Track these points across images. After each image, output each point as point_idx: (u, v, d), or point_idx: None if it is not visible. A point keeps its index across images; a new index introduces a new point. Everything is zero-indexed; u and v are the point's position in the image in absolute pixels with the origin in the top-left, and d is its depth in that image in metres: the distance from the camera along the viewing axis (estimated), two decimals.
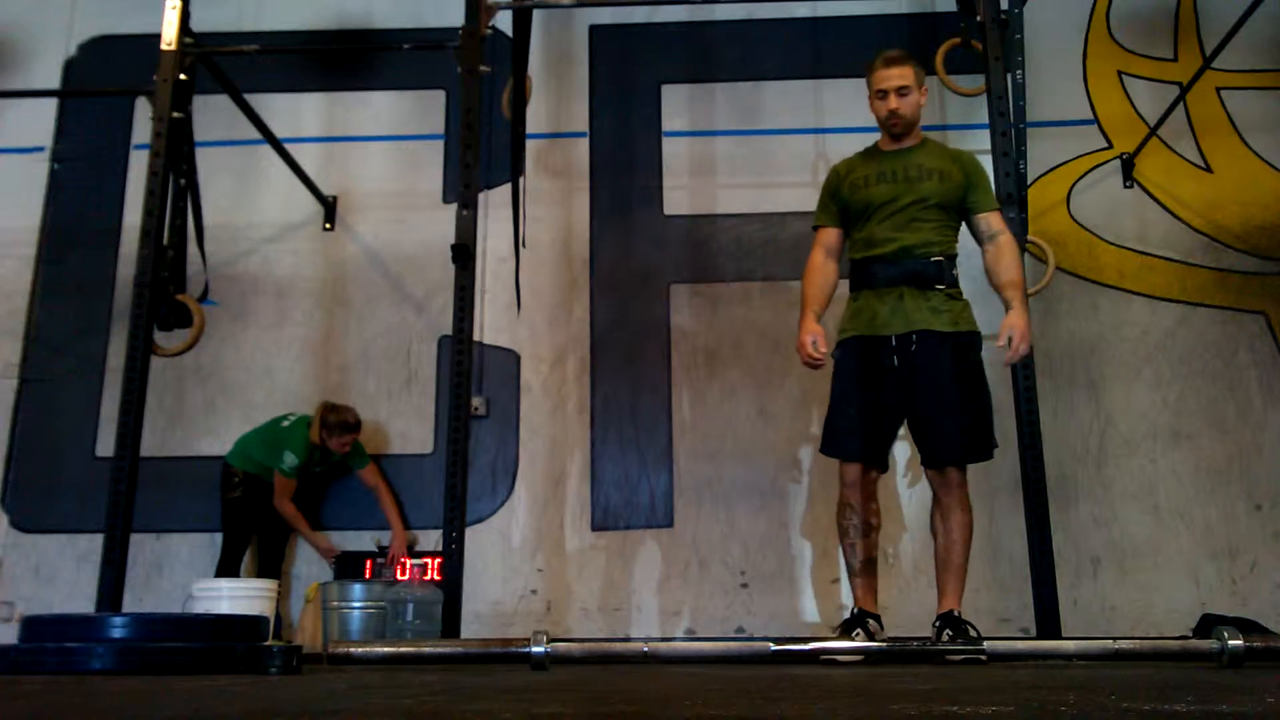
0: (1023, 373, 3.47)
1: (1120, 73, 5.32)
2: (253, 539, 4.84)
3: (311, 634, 4.46)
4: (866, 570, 3.34)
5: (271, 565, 4.85)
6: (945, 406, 3.24)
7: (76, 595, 4.82)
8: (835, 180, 3.50)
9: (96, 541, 3.66)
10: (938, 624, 3.18)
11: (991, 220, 3.35)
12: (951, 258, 3.32)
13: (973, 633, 3.11)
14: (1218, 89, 5.21)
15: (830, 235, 3.46)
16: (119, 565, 3.49)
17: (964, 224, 3.40)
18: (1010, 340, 3.17)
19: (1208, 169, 5.17)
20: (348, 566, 4.81)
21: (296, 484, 4.76)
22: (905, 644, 3.06)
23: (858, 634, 3.20)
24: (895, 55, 3.36)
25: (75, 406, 5.13)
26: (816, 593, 4.80)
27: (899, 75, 3.32)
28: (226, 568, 4.67)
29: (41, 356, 5.24)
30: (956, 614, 3.17)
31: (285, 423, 4.83)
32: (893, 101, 3.32)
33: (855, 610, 3.31)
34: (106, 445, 4.36)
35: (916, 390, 3.26)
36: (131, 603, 4.47)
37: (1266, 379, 4.88)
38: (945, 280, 3.28)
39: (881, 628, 3.31)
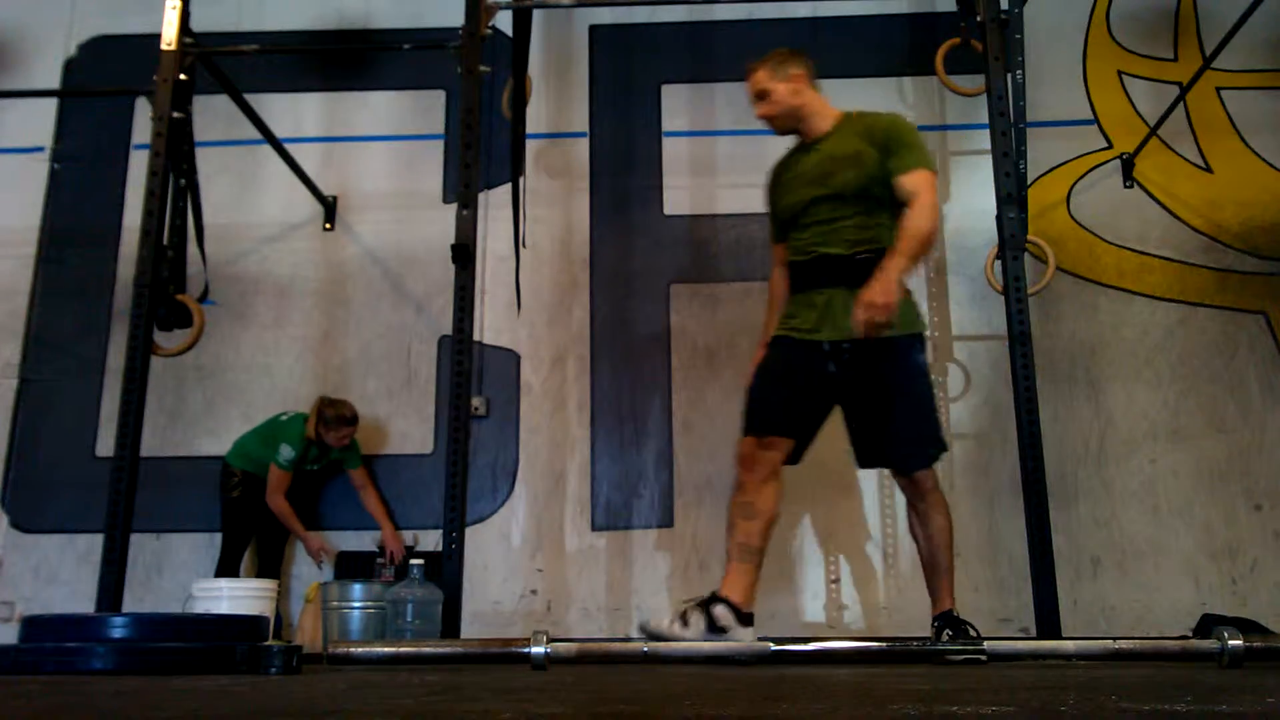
0: (1022, 373, 3.46)
1: (1120, 73, 5.32)
2: (252, 539, 4.83)
3: (311, 634, 4.46)
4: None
5: (271, 565, 4.85)
6: (898, 413, 3.10)
7: (76, 595, 4.82)
8: (767, 186, 3.41)
9: (96, 541, 3.66)
10: (937, 624, 3.16)
11: (906, 182, 3.03)
12: (882, 250, 3.00)
13: (972, 632, 3.10)
14: (1218, 89, 5.21)
15: (779, 250, 3.36)
16: (119, 565, 3.48)
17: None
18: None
19: (1208, 169, 5.17)
20: (348, 566, 4.81)
21: (290, 479, 4.75)
22: (905, 644, 3.06)
23: (694, 618, 2.89)
24: (749, 66, 3.27)
25: (75, 406, 5.13)
26: (816, 593, 4.80)
27: (752, 85, 3.24)
28: (226, 568, 4.67)
29: (41, 356, 5.24)
30: (954, 613, 3.15)
31: (283, 418, 4.84)
32: (757, 110, 3.26)
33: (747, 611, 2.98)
34: (106, 445, 4.37)
35: (860, 398, 3.13)
36: (131, 603, 4.46)
37: (1266, 379, 4.88)
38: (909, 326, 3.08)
39: (743, 624, 2.94)
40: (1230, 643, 2.44)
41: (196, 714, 1.32)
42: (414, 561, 3.64)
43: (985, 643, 2.80)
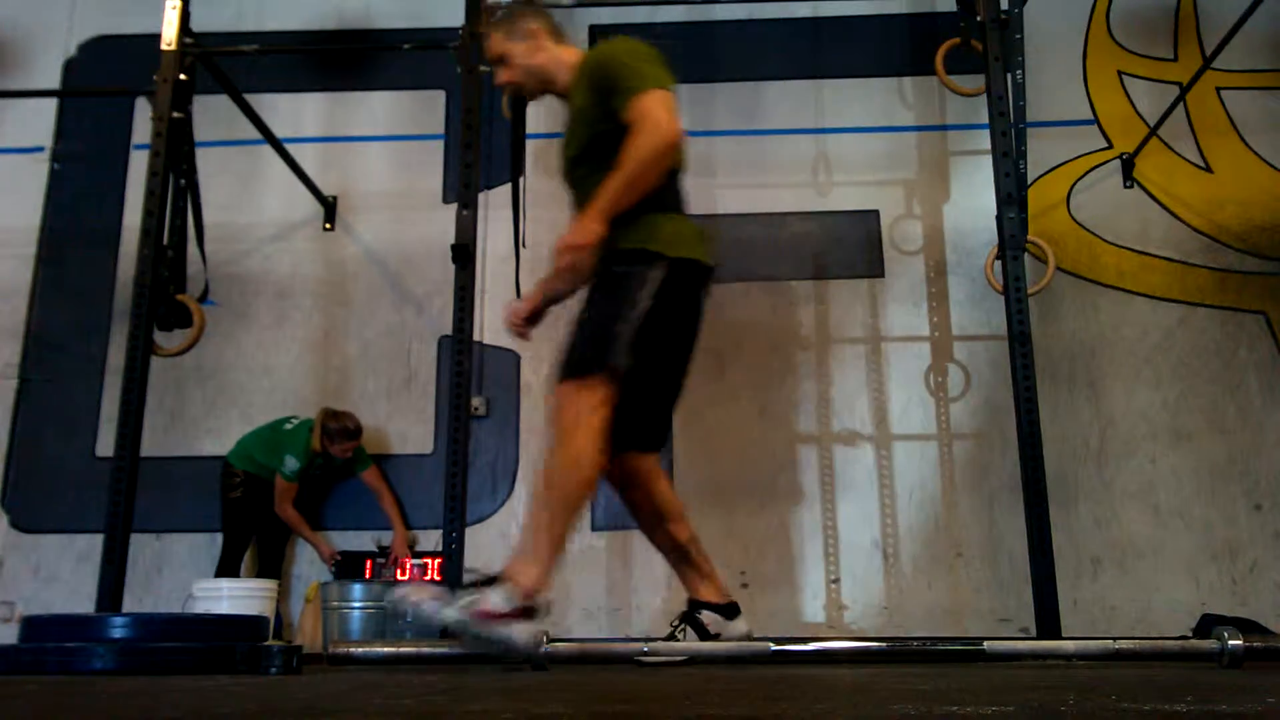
0: (1023, 373, 3.46)
1: (1120, 73, 5.33)
2: (253, 539, 4.84)
3: (311, 634, 4.46)
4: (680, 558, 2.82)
5: (272, 565, 4.85)
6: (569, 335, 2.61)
7: (76, 595, 4.82)
8: None
9: (96, 541, 3.66)
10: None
11: (630, 114, 2.52)
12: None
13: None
14: (1217, 89, 5.22)
15: None
16: (119, 565, 3.48)
17: None
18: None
19: (1208, 169, 5.17)
20: (348, 566, 4.81)
21: (297, 489, 4.76)
22: (906, 644, 3.05)
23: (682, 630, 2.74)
24: (482, 32, 2.91)
25: (75, 406, 5.13)
26: (816, 593, 4.80)
27: (488, 52, 2.89)
28: (227, 568, 4.67)
29: (41, 356, 5.24)
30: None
31: (288, 425, 4.83)
32: (497, 78, 2.89)
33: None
34: (106, 445, 4.36)
35: None
36: (131, 603, 4.46)
37: (1266, 379, 4.88)
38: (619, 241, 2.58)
39: (730, 616, 2.79)
40: (1230, 643, 2.44)
41: (197, 714, 1.32)
42: (414, 562, 3.65)
43: (985, 643, 2.80)
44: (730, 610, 2.79)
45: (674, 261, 2.63)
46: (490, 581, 2.40)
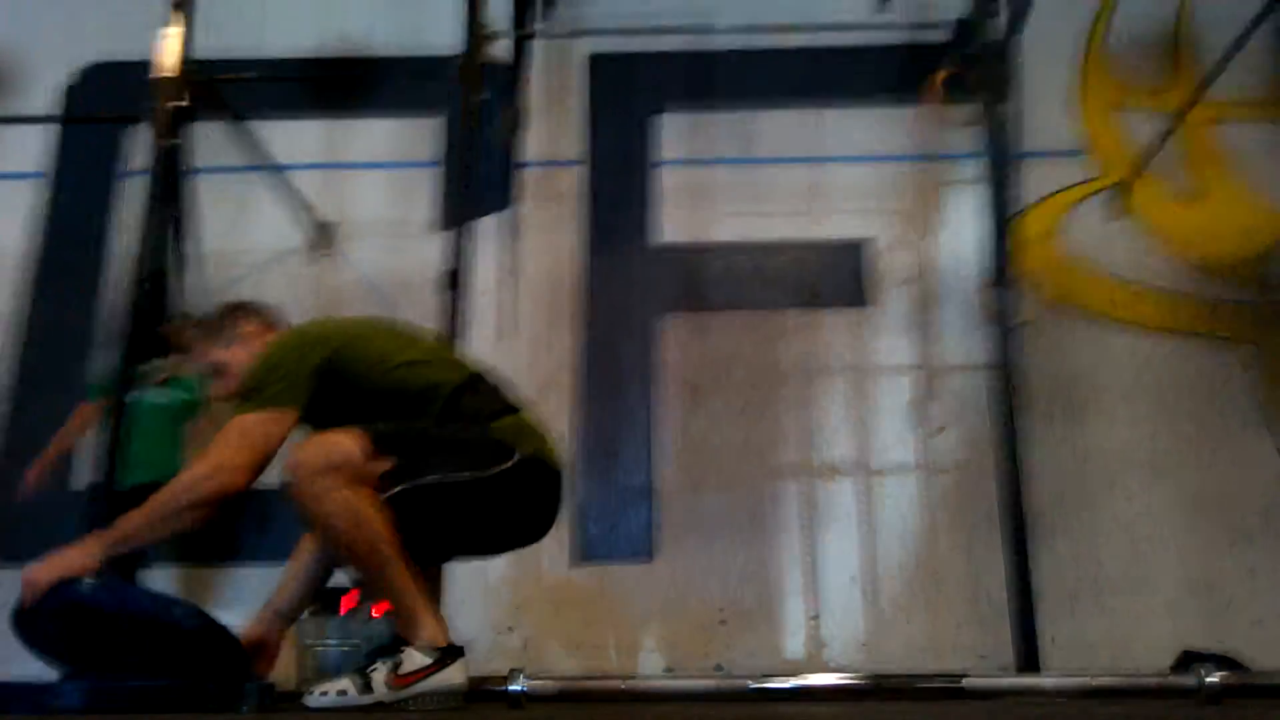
0: (1003, 405, 3.47)
1: (1112, 103, 5.37)
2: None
3: (286, 671, 4.40)
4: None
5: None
6: None
7: None
8: None
9: None
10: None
11: None
12: None
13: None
14: (1209, 120, 5.24)
15: None
16: None
17: None
18: None
19: (1199, 200, 5.20)
20: (323, 603, 4.74)
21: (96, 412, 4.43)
22: (885, 679, 3.05)
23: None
24: (185, 340, 2.64)
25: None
26: (796, 628, 4.77)
27: (198, 358, 2.61)
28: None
29: (26, 385, 5.19)
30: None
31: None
32: (215, 390, 2.60)
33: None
34: (82, 476, 4.31)
35: None
36: None
37: (1250, 413, 4.89)
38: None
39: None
40: (1208, 679, 2.45)
41: None
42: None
43: (964, 679, 2.79)
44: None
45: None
46: (386, 651, 2.29)
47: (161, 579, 4.98)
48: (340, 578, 4.85)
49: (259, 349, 2.47)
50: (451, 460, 2.29)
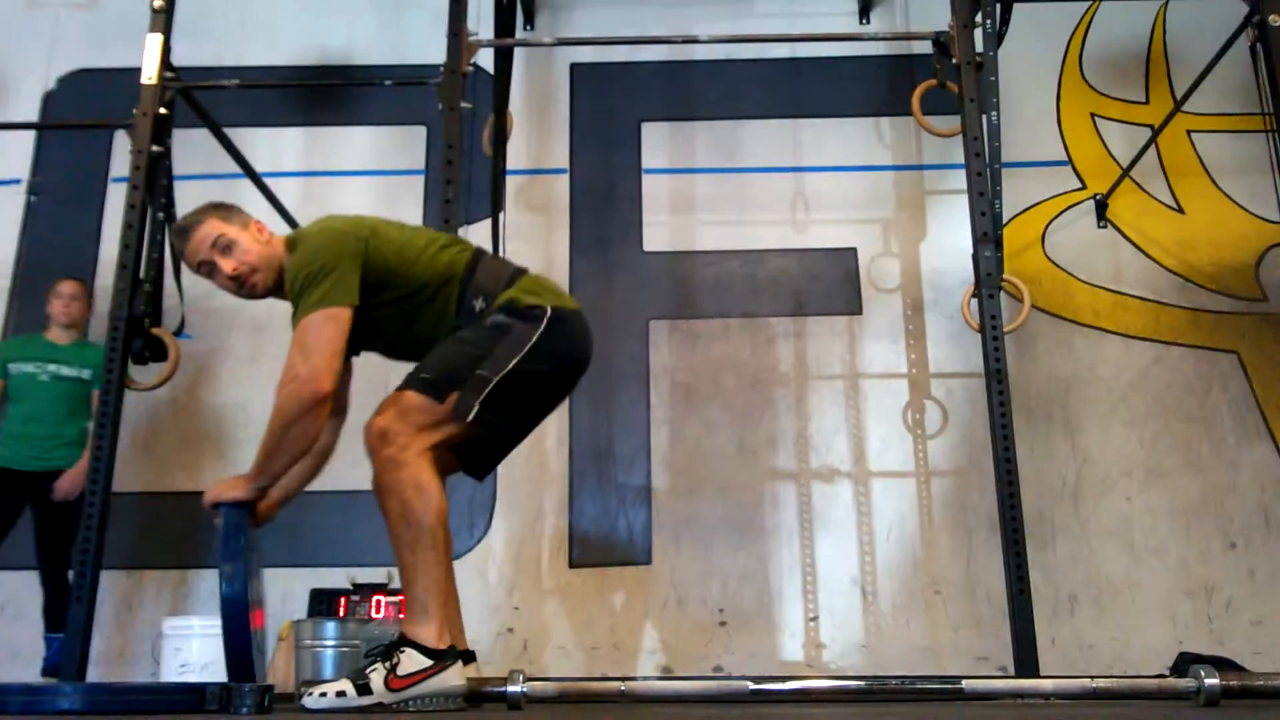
0: (999, 410, 3.49)
1: (1093, 115, 5.41)
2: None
3: (284, 673, 4.39)
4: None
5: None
6: None
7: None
8: None
9: None
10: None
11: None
12: None
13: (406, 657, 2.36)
14: (1188, 131, 5.30)
15: None
16: (88, 602, 3.44)
17: None
18: None
19: (1179, 210, 5.24)
20: (321, 604, 4.73)
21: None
22: (884, 682, 3.04)
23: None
24: (187, 223, 2.66)
25: None
26: (795, 631, 4.77)
27: (201, 240, 2.61)
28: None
29: None
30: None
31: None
32: (223, 270, 2.61)
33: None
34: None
35: None
36: (100, 642, 4.40)
37: (1239, 417, 4.92)
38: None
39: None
40: (1207, 682, 2.45)
41: None
42: (389, 599, 3.60)
43: (963, 681, 2.79)
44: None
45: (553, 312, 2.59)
46: (386, 651, 2.35)
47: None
48: (340, 581, 4.87)
49: (265, 238, 2.66)
50: (498, 354, 2.46)
